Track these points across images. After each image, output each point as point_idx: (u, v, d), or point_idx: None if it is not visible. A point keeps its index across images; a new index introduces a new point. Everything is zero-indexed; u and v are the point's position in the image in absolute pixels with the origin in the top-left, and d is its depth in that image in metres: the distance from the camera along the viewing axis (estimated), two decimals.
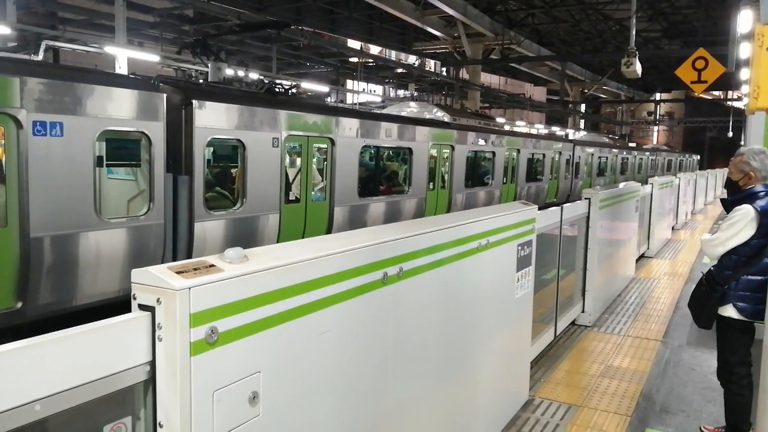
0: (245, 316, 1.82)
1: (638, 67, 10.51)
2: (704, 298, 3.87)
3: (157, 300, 1.63)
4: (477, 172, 15.51)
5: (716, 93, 40.64)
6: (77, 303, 6.51)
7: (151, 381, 1.68)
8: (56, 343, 1.47)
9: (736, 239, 3.68)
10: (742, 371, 3.83)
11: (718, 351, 3.98)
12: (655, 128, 49.01)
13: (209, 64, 10.03)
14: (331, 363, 2.27)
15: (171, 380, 1.64)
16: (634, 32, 11.49)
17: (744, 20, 8.01)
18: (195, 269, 1.72)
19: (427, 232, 2.87)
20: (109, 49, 13.33)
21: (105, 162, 6.93)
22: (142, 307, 1.66)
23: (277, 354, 1.98)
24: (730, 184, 3.92)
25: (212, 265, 1.77)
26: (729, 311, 3.77)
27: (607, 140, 30.45)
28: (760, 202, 3.63)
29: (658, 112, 45.03)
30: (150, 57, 14.64)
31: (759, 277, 3.67)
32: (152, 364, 1.66)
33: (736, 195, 3.82)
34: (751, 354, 3.90)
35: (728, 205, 3.86)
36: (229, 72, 12.08)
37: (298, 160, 9.74)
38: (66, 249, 6.35)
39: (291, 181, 9.47)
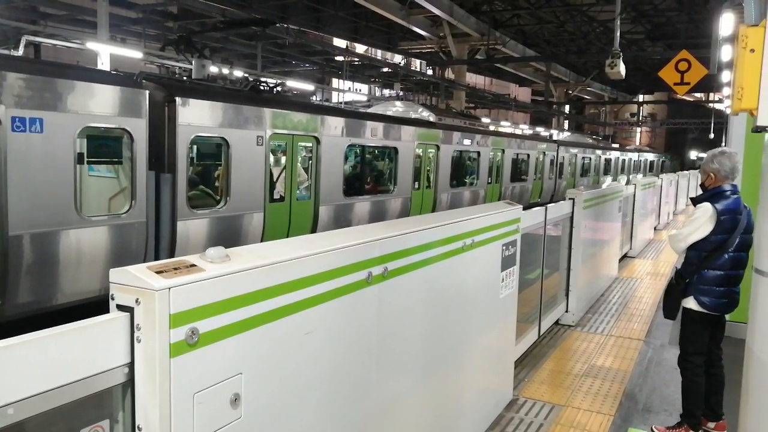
0: (227, 316, 1.79)
1: (622, 69, 10.60)
2: (669, 290, 4.15)
3: (136, 300, 1.59)
4: (462, 171, 15.54)
5: (698, 95, 41.12)
6: (57, 302, 6.41)
7: (130, 383, 1.64)
8: (31, 344, 1.43)
9: (696, 234, 3.93)
10: (698, 360, 4.09)
11: (679, 340, 4.24)
12: (638, 129, 49.47)
13: (193, 61, 9.93)
14: (315, 364, 2.25)
15: (150, 382, 1.61)
16: (618, 34, 11.59)
17: (726, 23, 8.11)
18: (175, 269, 1.68)
19: (412, 232, 2.85)
20: (91, 45, 13.15)
21: (86, 159, 6.83)
22: (120, 307, 1.63)
23: (259, 355, 1.95)
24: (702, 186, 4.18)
25: (193, 265, 1.74)
26: (690, 303, 4.03)
27: (591, 141, 30.73)
28: (724, 201, 3.87)
29: (641, 114, 45.46)
30: (133, 53, 14.48)
31: (719, 272, 3.91)
32: (131, 365, 1.63)
33: (701, 195, 4.07)
34: (718, 346, 4.18)
35: (695, 204, 4.08)
36: (213, 69, 11.99)
37: (283, 159, 9.69)
38: (46, 247, 6.25)
39: (275, 179, 9.41)
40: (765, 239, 2.26)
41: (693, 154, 49.87)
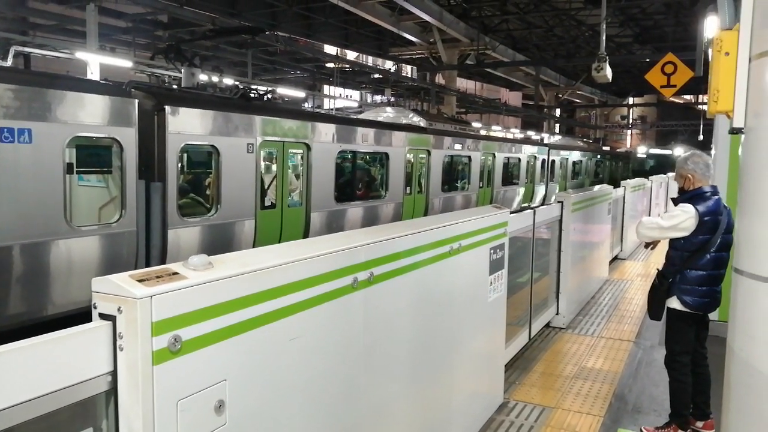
0: (210, 323, 1.80)
1: (608, 72, 10.68)
2: (653, 291, 4.18)
3: (118, 309, 1.60)
4: (454, 176, 15.59)
5: (687, 97, 41.38)
6: (48, 313, 6.39)
7: (113, 391, 1.65)
8: (14, 353, 1.44)
9: (673, 232, 3.99)
10: (684, 360, 4.13)
11: (665, 340, 4.30)
12: (629, 132, 49.76)
13: (182, 70, 9.94)
14: (301, 369, 2.26)
15: (133, 390, 1.62)
16: (604, 37, 11.68)
17: (711, 26, 8.19)
18: (157, 277, 1.70)
19: (398, 237, 2.87)
20: (81, 55, 13.14)
21: (75, 169, 6.82)
22: (103, 316, 1.64)
23: (244, 362, 1.96)
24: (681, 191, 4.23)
25: (176, 273, 1.75)
26: (674, 303, 4.07)
27: (582, 144, 30.85)
28: (705, 202, 3.93)
29: (631, 116, 45.74)
30: (122, 62, 14.47)
31: (701, 272, 3.96)
32: (114, 374, 1.64)
33: (681, 196, 4.12)
34: (703, 345, 4.24)
35: (675, 205, 4.13)
36: (203, 77, 11.97)
37: (274, 166, 9.70)
38: (36, 258, 6.24)
39: (266, 186, 9.42)
40: (744, 239, 2.29)
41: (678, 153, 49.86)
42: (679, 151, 25.31)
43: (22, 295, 6.17)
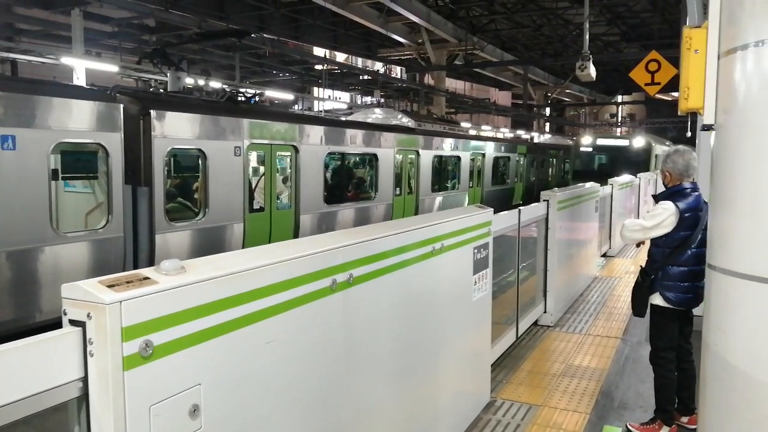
0: (183, 328, 1.80)
1: (592, 71, 10.74)
2: (636, 288, 4.21)
3: (88, 315, 1.60)
4: (444, 176, 15.62)
5: (675, 94, 41.63)
6: (36, 320, 6.36)
7: (84, 397, 1.65)
8: None
9: (657, 231, 4.02)
10: (669, 356, 4.17)
11: (649, 336, 4.32)
12: (618, 130, 50.00)
13: (168, 74, 9.92)
14: (279, 372, 2.26)
15: (104, 396, 1.62)
16: (587, 36, 11.76)
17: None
18: (128, 282, 1.69)
19: (377, 238, 2.88)
20: (67, 60, 13.08)
21: (60, 175, 6.80)
22: (73, 322, 1.64)
23: (219, 365, 1.96)
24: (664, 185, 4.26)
25: (147, 278, 1.75)
26: (657, 300, 4.11)
27: (571, 142, 30.91)
28: (685, 199, 3.97)
29: (620, 114, 45.97)
30: (109, 67, 14.41)
31: (683, 268, 4.00)
32: (84, 380, 1.63)
33: (662, 193, 4.17)
34: (687, 340, 4.29)
35: (656, 201, 4.17)
36: (189, 81, 11.94)
37: (262, 169, 9.69)
38: (21, 264, 6.20)
39: (254, 189, 9.40)
40: (716, 235, 2.31)
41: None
42: (639, 142, 20.49)
43: (9, 302, 6.14)
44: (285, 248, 2.42)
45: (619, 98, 44.04)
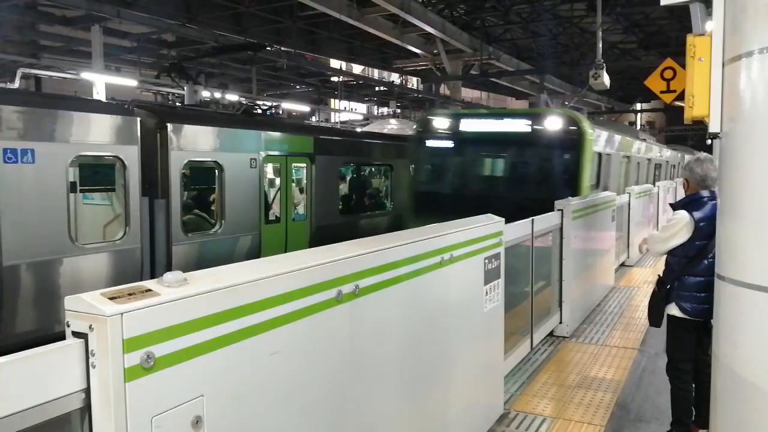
0: (185, 339, 1.81)
1: (606, 79, 10.66)
2: (652, 298, 4.20)
3: (90, 327, 1.62)
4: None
5: None
6: (55, 330, 6.44)
7: (87, 408, 1.67)
8: None
9: (675, 240, 4.00)
10: (685, 367, 4.11)
11: (666, 348, 4.28)
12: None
13: (185, 87, 10.06)
14: (284, 384, 2.27)
15: (105, 407, 1.64)
16: (600, 45, 11.69)
17: (710, 30, 8.16)
18: (130, 294, 1.72)
19: (382, 249, 2.88)
20: (87, 75, 13.33)
21: (78, 187, 6.91)
22: (76, 334, 1.66)
23: (222, 377, 1.97)
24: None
25: (149, 290, 1.78)
26: (673, 310, 4.06)
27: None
28: (701, 208, 3.94)
29: (638, 122, 45.51)
30: (128, 82, 14.66)
31: (699, 278, 3.93)
32: (87, 391, 1.66)
33: (678, 202, 4.14)
34: (705, 352, 4.08)
35: (674, 210, 4.15)
36: (206, 94, 12.10)
37: (278, 180, 9.74)
38: (40, 276, 6.30)
39: (270, 201, 9.47)
40: (725, 245, 2.28)
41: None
42: (555, 122, 8.97)
43: (29, 313, 6.23)
44: (289, 260, 2.43)
45: (638, 106, 43.61)
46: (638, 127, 44.89)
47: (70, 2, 11.75)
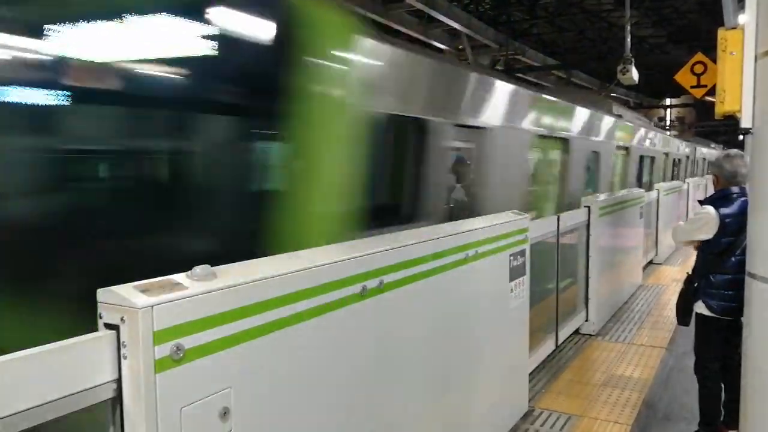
0: (213, 332, 1.84)
1: (635, 74, 10.48)
2: (680, 296, 4.19)
3: (121, 318, 1.66)
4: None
5: None
6: None
7: (119, 399, 1.71)
8: (19, 362, 1.51)
9: (699, 234, 3.99)
10: (714, 366, 4.06)
11: (694, 346, 4.24)
12: (667, 133, 48.63)
13: None
14: (309, 377, 2.29)
15: (136, 397, 1.67)
16: (629, 39, 11.48)
17: (741, 23, 7.98)
18: (160, 287, 1.75)
19: (407, 245, 2.88)
20: None
21: None
22: (108, 325, 1.70)
23: (249, 369, 2.00)
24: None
25: (178, 283, 1.81)
26: (700, 308, 4.03)
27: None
28: (728, 204, 3.90)
29: (668, 117, 44.67)
30: None
31: (727, 275, 3.87)
32: (118, 381, 1.70)
33: (707, 198, 4.11)
34: (735, 351, 3.99)
35: (702, 206, 4.11)
36: None
37: None
38: None
39: None
40: (756, 242, 2.24)
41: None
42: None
43: None
44: (315, 254, 2.45)
45: (668, 101, 42.83)
46: (667, 122, 44.11)
47: None
